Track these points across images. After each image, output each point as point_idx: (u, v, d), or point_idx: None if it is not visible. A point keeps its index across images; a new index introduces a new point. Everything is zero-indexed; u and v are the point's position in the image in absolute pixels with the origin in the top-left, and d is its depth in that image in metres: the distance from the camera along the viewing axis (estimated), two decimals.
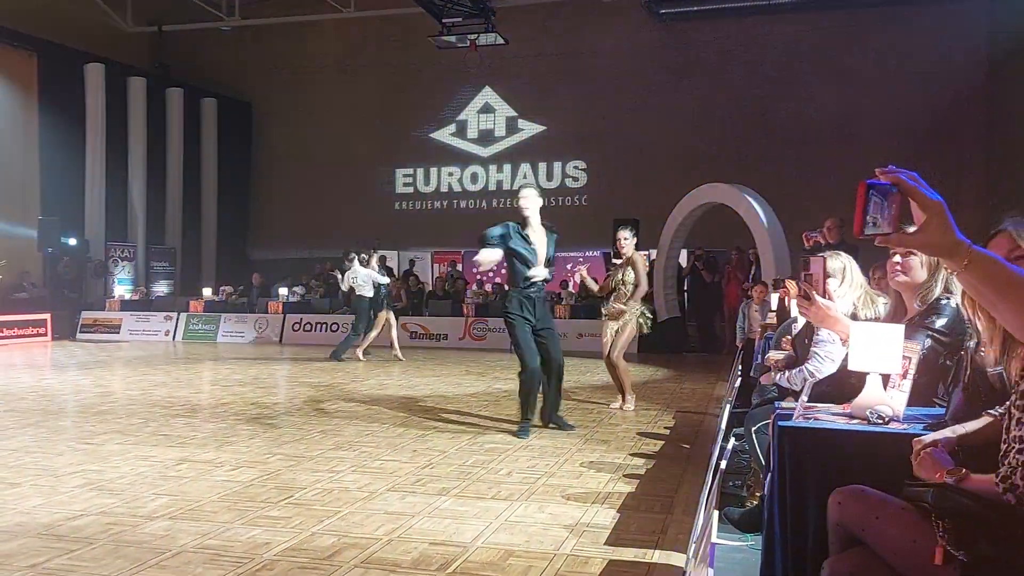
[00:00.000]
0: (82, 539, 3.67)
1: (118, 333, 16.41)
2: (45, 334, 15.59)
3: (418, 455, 5.52)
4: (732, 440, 3.56)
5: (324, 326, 15.80)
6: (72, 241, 17.12)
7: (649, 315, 7.63)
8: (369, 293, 11.85)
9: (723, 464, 2.92)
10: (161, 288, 19.23)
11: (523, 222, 6.47)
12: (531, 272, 6.35)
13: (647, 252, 7.93)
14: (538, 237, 6.45)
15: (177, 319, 16.54)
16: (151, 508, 4.17)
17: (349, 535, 3.77)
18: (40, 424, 6.62)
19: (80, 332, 16.46)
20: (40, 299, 16.57)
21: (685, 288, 15.05)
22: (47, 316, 15.81)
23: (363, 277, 11.82)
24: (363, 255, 12.03)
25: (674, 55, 19.11)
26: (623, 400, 7.66)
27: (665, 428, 6.76)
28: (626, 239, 7.58)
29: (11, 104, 17.26)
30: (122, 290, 18.18)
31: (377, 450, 5.66)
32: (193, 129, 20.56)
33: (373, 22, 19.50)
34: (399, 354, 12.10)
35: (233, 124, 21.42)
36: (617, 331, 7.48)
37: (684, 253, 15.35)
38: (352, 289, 12.07)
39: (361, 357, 11.98)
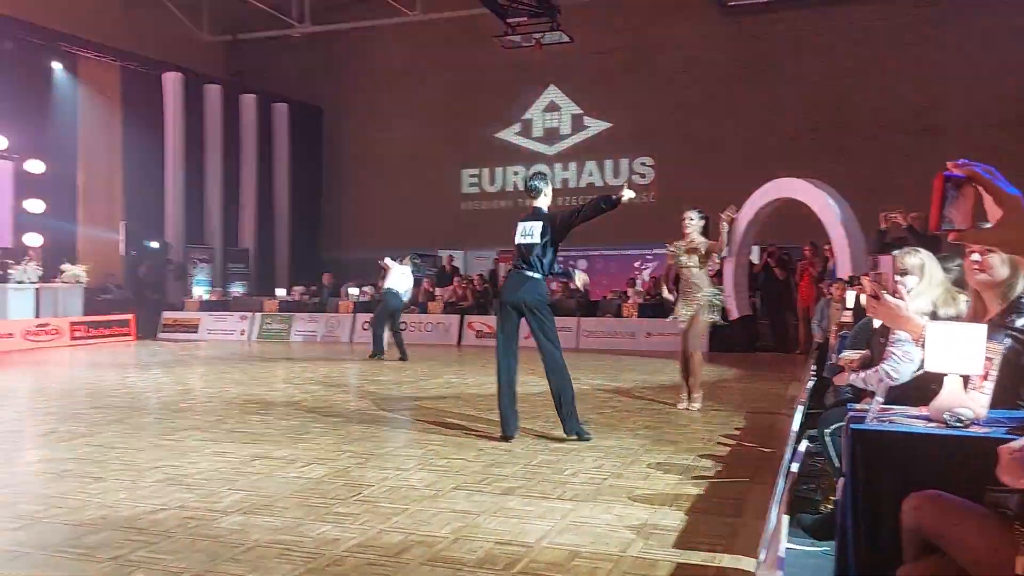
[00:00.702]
0: (161, 532, 3.80)
1: (197, 332, 16.95)
2: (129, 334, 16.21)
3: (483, 454, 5.55)
4: (804, 443, 3.46)
5: None
6: (154, 244, 17.75)
7: (718, 302, 7.42)
8: (402, 289, 12.00)
9: (794, 467, 2.84)
10: (237, 289, 19.79)
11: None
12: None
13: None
14: None
15: (252, 319, 16.99)
16: (226, 503, 4.29)
17: (416, 533, 3.81)
18: (124, 421, 6.88)
19: (161, 332, 17.06)
20: (124, 300, 17.24)
21: (757, 286, 14.74)
22: (130, 317, 16.44)
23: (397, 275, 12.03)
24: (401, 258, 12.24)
25: (743, 47, 18.76)
26: (689, 399, 7.51)
27: (736, 429, 6.63)
28: (691, 220, 7.39)
29: (97, 113, 18.01)
30: (200, 291, 18.78)
31: (443, 448, 5.71)
32: (266, 134, 21.14)
33: (439, 24, 19.68)
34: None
35: (304, 128, 21.92)
36: (691, 319, 7.34)
37: (756, 250, 15.04)
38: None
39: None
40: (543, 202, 6.37)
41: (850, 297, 6.82)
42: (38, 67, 16.56)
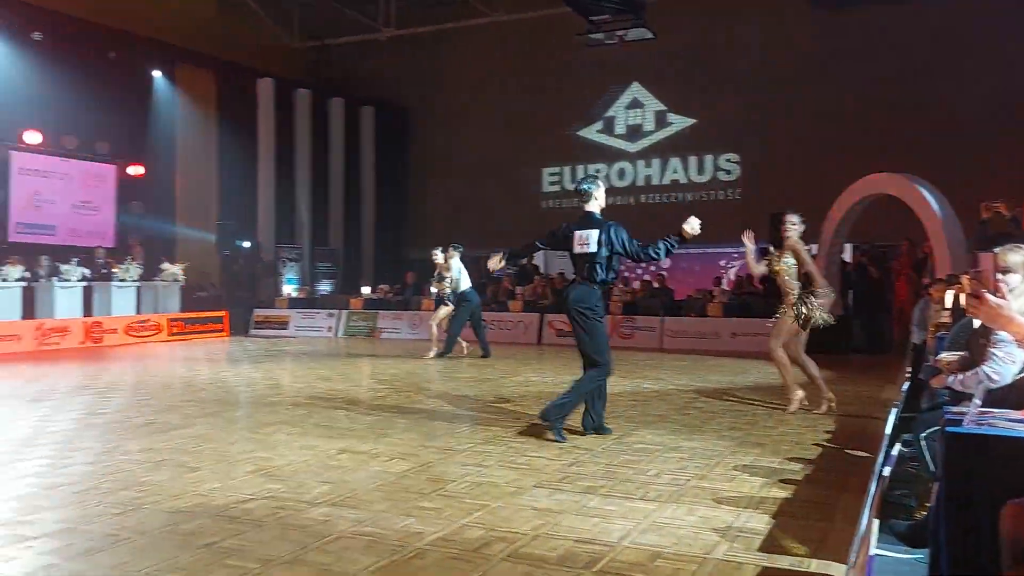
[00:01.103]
0: (252, 521, 3.93)
1: (286, 329, 17.46)
2: (222, 330, 16.84)
3: (565, 453, 5.54)
4: (897, 446, 3.33)
5: None
6: (246, 244, 18.38)
7: (808, 308, 7.20)
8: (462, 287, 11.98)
9: (886, 471, 2.74)
10: (324, 287, 20.30)
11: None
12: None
13: (808, 247, 7.56)
14: None
15: (339, 316, 17.40)
16: (314, 495, 4.41)
17: (497, 529, 3.83)
18: (217, 414, 7.15)
19: (253, 328, 17.64)
20: (218, 298, 17.93)
21: (850, 285, 14.27)
22: (224, 314, 17.07)
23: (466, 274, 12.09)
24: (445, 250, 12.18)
25: (831, 40, 18.19)
26: (793, 399, 7.34)
27: (826, 432, 6.44)
28: (793, 224, 7.28)
29: (194, 119, 18.77)
30: (290, 289, 19.35)
31: (524, 446, 5.73)
32: (353, 136, 21.65)
33: (522, 24, 19.75)
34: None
35: (390, 130, 22.34)
36: (780, 320, 7.23)
37: (848, 248, 14.57)
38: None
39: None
40: (594, 206, 6.27)
41: (948, 296, 6.54)
42: (139, 76, 17.37)
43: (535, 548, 3.57)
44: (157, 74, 17.73)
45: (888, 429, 4.06)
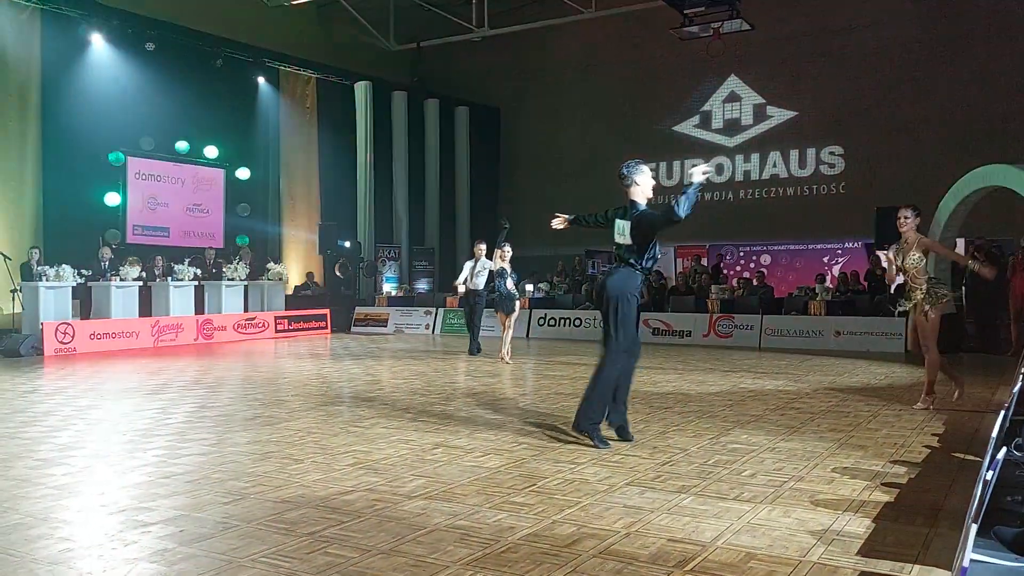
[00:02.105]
0: (352, 512, 4.07)
1: (386, 326, 17.89)
2: (325, 327, 17.40)
3: (658, 451, 5.51)
4: (1004, 450, 3.18)
5: (568, 321, 16.17)
6: (347, 244, 18.92)
7: (935, 297, 7.04)
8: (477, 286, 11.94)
9: (990, 475, 2.63)
10: (422, 285, 20.70)
11: None
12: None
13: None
14: None
15: (436, 314, 17.71)
16: (410, 488, 4.53)
17: (588, 526, 3.85)
18: (320, 408, 7.41)
19: (354, 326, 18.15)
20: (321, 296, 18.53)
21: (963, 282, 13.57)
22: (327, 311, 17.63)
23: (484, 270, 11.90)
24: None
25: (941, 23, 17.37)
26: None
27: (934, 435, 6.18)
28: (907, 218, 7.10)
29: (296, 123, 19.46)
30: (389, 287, 19.81)
31: (617, 444, 5.71)
32: (448, 136, 22.00)
33: (614, 20, 19.61)
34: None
35: (483, 129, 22.60)
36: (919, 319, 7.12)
37: (961, 243, 13.87)
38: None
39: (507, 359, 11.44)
40: (637, 193, 5.76)
41: None
42: (245, 82, 18.11)
43: (626, 546, 3.58)
44: (261, 80, 18.44)
45: (994, 432, 3.87)
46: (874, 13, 18.09)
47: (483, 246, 12.32)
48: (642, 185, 5.82)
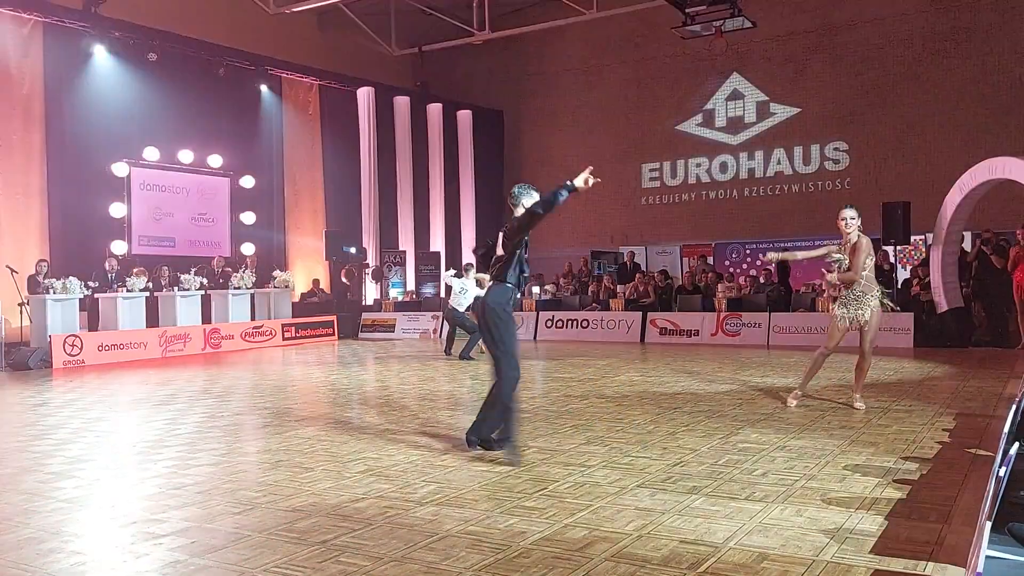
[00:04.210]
0: (363, 519, 4.07)
1: (393, 332, 17.89)
2: (332, 334, 17.40)
3: (668, 452, 5.49)
4: (1016, 444, 3.16)
5: (575, 323, 16.15)
6: (352, 250, 18.93)
7: (876, 298, 6.98)
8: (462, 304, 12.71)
9: (1003, 471, 2.61)
10: (428, 290, 20.70)
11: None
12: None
13: (924, 236, 7.29)
14: None
15: (442, 318, 17.68)
16: (421, 494, 4.53)
17: (600, 529, 3.84)
18: (329, 415, 7.42)
19: (361, 332, 18.16)
20: (328, 303, 18.54)
21: (971, 275, 13.52)
22: (333, 318, 17.65)
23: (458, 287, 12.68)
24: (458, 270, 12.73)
25: (944, 17, 17.32)
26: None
27: (944, 430, 6.15)
28: (852, 219, 6.92)
29: (300, 129, 19.49)
30: (395, 293, 19.82)
31: (627, 446, 5.71)
32: (451, 140, 22.01)
33: (616, 20, 19.60)
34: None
35: (486, 132, 22.60)
36: (864, 322, 7.00)
37: (968, 236, 13.82)
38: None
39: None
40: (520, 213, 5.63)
41: None
42: (247, 90, 18.13)
43: (638, 548, 3.57)
44: (264, 87, 18.48)
45: (1006, 426, 3.85)
46: (875, 9, 18.05)
47: (476, 275, 12.37)
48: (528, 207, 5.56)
